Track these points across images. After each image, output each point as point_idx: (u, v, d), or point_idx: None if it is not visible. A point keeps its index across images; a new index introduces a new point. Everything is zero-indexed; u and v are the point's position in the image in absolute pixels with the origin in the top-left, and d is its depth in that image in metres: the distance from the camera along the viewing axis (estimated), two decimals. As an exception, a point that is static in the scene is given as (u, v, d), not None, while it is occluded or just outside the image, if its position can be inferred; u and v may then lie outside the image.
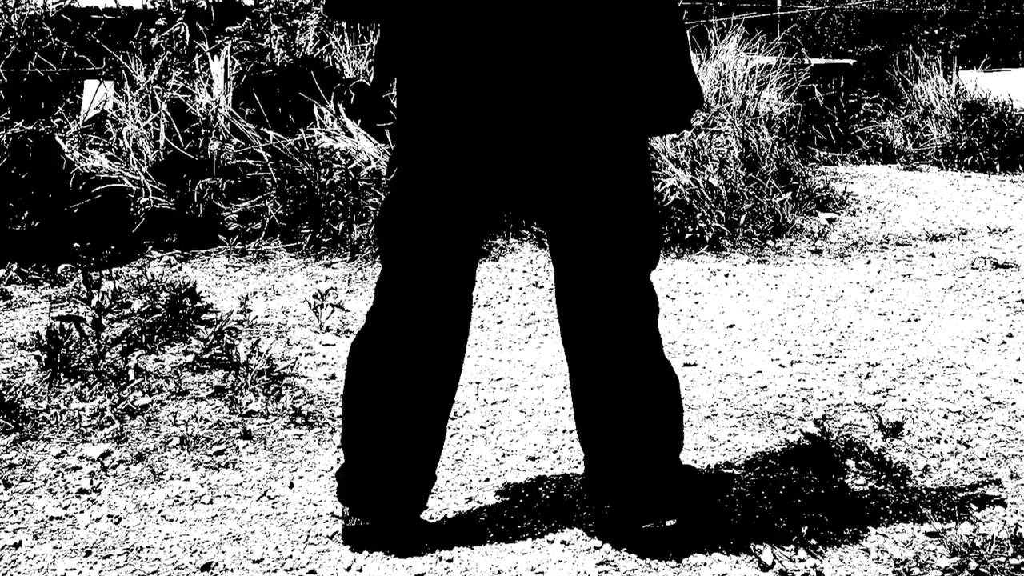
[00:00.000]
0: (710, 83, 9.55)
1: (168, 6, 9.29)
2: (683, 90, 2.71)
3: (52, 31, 8.66)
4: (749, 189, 7.45)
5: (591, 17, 2.54)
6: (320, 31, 9.25)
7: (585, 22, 2.54)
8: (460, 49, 2.57)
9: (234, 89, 7.81)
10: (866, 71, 17.01)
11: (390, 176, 2.82)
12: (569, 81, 2.55)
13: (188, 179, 6.84)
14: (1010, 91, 13.16)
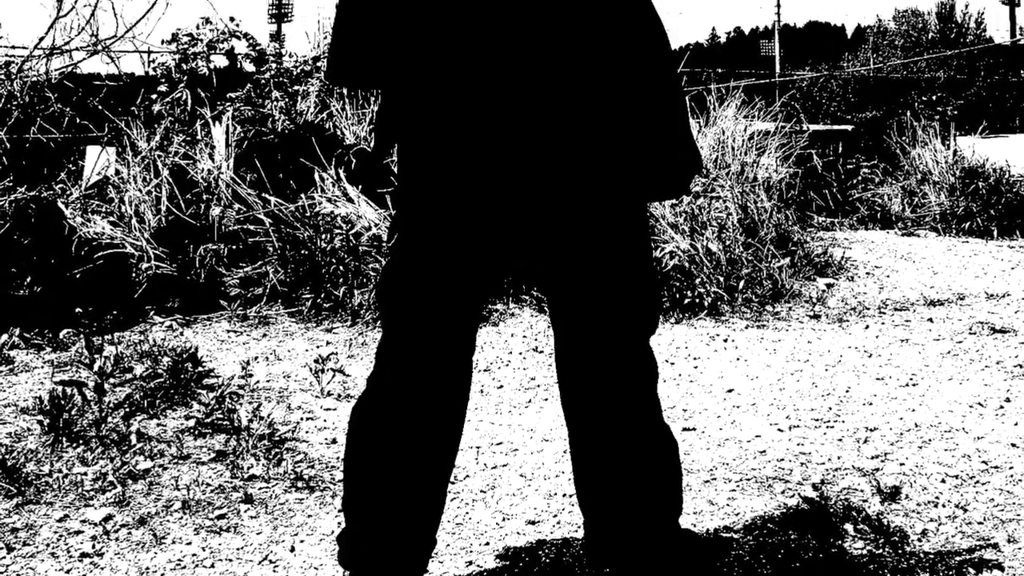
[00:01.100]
0: (709, 149, 9.62)
1: (170, 72, 9.37)
2: (682, 156, 2.72)
3: (54, 97, 8.72)
4: (748, 254, 7.49)
5: (590, 85, 2.56)
6: (321, 97, 9.32)
7: (584, 90, 2.56)
8: (461, 117, 2.59)
9: (235, 155, 7.86)
10: (864, 137, 17.14)
11: (391, 242, 2.81)
12: (569, 149, 2.56)
13: (190, 244, 6.88)
14: (1008, 157, 13.25)
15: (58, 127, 8.56)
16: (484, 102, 2.56)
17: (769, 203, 8.55)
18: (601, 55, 2.60)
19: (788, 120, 12.07)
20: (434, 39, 2.62)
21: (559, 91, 2.55)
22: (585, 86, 2.57)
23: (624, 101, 2.62)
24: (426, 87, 2.64)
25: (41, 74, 8.76)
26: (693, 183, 7.74)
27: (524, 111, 2.55)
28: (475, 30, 2.58)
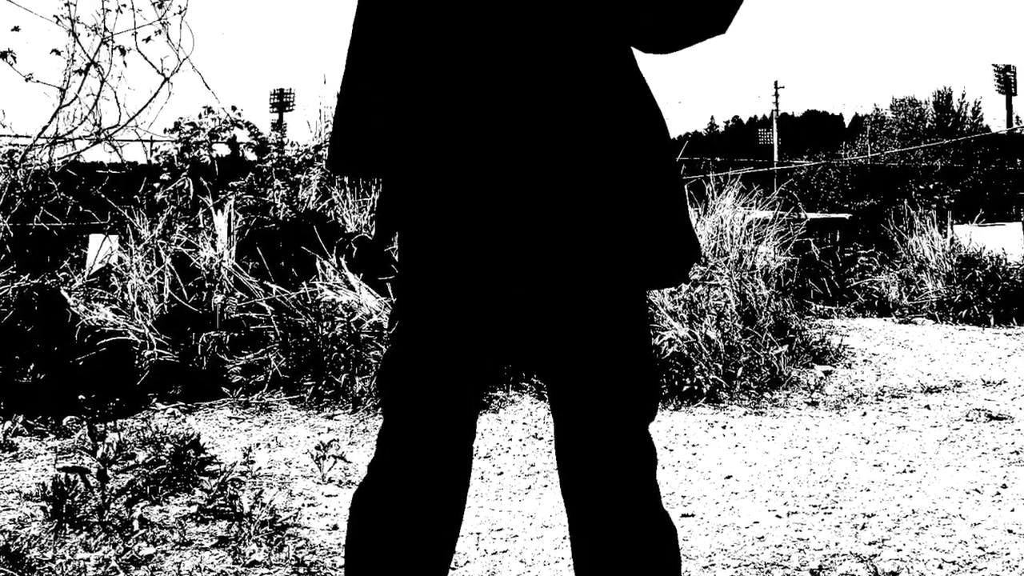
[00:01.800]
0: (708, 237, 9.68)
1: (172, 161, 9.45)
2: (681, 245, 2.74)
3: (58, 186, 8.80)
4: (746, 342, 7.54)
5: (590, 174, 2.59)
6: (323, 186, 9.39)
7: (583, 179, 2.59)
8: (461, 207, 2.61)
9: (237, 243, 7.92)
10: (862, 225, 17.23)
11: (391, 329, 2.84)
12: (568, 238, 2.60)
13: (192, 332, 6.93)
14: (1004, 245, 13.32)
15: (61, 215, 8.64)
16: (485, 193, 2.59)
17: (767, 291, 8.61)
18: (600, 145, 2.63)
19: (786, 208, 12.15)
20: (435, 130, 2.66)
21: (558, 181, 2.58)
22: (584, 175, 2.59)
23: (623, 190, 2.64)
24: (427, 177, 2.67)
25: (44, 163, 8.84)
26: (692, 271, 7.80)
27: (524, 202, 2.57)
28: (476, 122, 2.62)
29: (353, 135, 2.90)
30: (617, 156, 2.64)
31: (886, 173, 43.19)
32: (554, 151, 2.59)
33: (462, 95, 2.66)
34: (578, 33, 2.69)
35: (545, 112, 2.61)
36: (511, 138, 2.59)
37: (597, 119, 2.63)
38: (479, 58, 2.66)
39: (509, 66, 2.64)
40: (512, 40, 2.66)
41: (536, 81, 2.63)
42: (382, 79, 2.84)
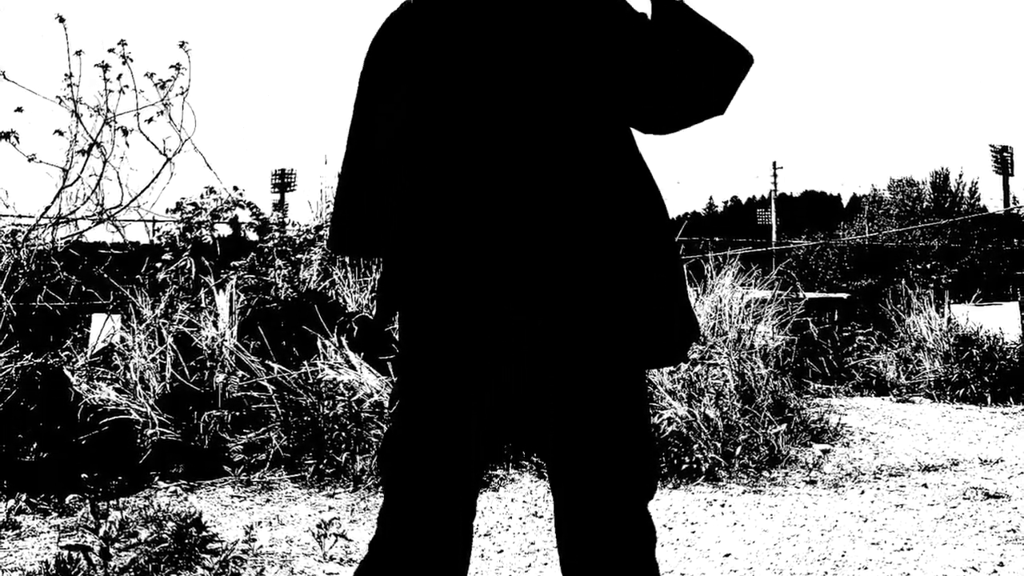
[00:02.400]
0: (707, 316, 9.73)
1: (174, 241, 9.51)
2: (680, 325, 2.79)
3: (60, 265, 8.85)
4: (745, 421, 7.57)
5: (589, 256, 2.65)
6: (323, 265, 9.45)
7: (583, 260, 2.65)
8: (462, 288, 2.66)
9: (239, 322, 7.97)
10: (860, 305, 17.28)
11: (392, 408, 2.87)
12: (567, 319, 2.65)
13: (194, 411, 6.96)
14: (1001, 324, 13.38)
15: (64, 295, 8.68)
16: (486, 276, 2.64)
17: (766, 370, 8.65)
18: (600, 226, 2.68)
19: (784, 288, 12.22)
20: (436, 212, 2.71)
21: (559, 264, 2.63)
22: (584, 257, 2.65)
23: (622, 270, 2.69)
24: (428, 258, 2.72)
25: (47, 243, 8.89)
26: (691, 350, 7.84)
27: (525, 285, 2.63)
28: (477, 205, 2.67)
29: (354, 216, 3.00)
30: (617, 237, 2.70)
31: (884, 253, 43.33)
32: (555, 233, 2.65)
33: (463, 178, 2.71)
34: (578, 115, 2.76)
35: (545, 194, 2.66)
36: (512, 221, 2.65)
37: (597, 201, 2.70)
38: (480, 141, 2.72)
39: (510, 149, 2.70)
40: (512, 122, 2.72)
41: (536, 163, 2.68)
42: (383, 163, 2.91)
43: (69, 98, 8.51)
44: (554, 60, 2.78)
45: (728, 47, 2.83)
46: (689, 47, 2.79)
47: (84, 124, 8.53)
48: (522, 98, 2.74)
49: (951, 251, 40.29)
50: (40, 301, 8.48)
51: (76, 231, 9.11)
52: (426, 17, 2.94)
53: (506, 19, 2.84)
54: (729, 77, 2.83)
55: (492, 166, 2.70)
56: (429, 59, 2.86)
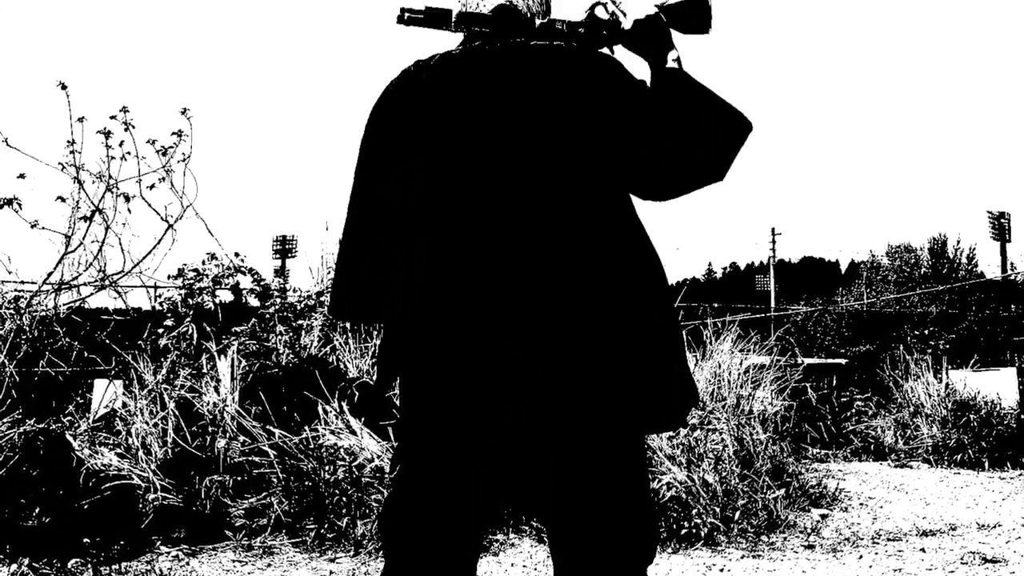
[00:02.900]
0: (706, 382, 9.76)
1: (176, 307, 9.55)
2: (679, 390, 2.83)
3: (63, 331, 8.88)
4: (744, 486, 7.59)
5: (589, 322, 2.69)
6: (324, 331, 9.48)
7: (583, 326, 2.68)
8: (463, 355, 2.70)
9: (240, 388, 8.00)
10: (858, 370, 17.30)
11: (392, 473, 2.90)
12: (567, 384, 2.67)
13: (196, 476, 6.99)
14: (998, 390, 13.43)
15: (66, 360, 8.71)
16: (485, 343, 2.68)
17: (764, 435, 8.68)
18: (600, 292, 2.72)
19: (783, 354, 12.25)
20: (436, 279, 2.75)
21: (559, 332, 2.67)
22: (584, 323, 2.68)
23: (623, 336, 2.72)
24: (428, 325, 2.75)
25: (50, 308, 8.93)
26: (690, 416, 7.87)
27: (524, 351, 2.66)
28: (476, 273, 2.72)
29: (355, 282, 3.05)
30: (616, 303, 2.74)
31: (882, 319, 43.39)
32: (556, 300, 2.69)
33: (464, 246, 2.75)
34: (577, 182, 2.80)
35: (546, 263, 2.71)
36: (513, 290, 2.69)
37: (597, 268, 2.74)
38: (482, 209, 2.77)
39: (511, 216, 2.75)
40: (513, 189, 2.78)
41: (536, 230, 2.73)
42: (383, 230, 2.97)
43: (71, 164, 8.56)
44: (554, 128, 2.83)
45: (727, 114, 2.89)
46: (688, 114, 2.85)
47: (86, 190, 8.60)
48: (523, 166, 2.80)
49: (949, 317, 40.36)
50: (43, 367, 8.52)
51: (78, 297, 9.15)
52: (426, 85, 2.99)
53: (506, 87, 2.90)
54: (728, 144, 2.88)
55: (494, 233, 2.74)
56: (431, 128, 2.91)
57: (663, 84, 2.94)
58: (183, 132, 9.00)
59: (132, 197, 8.85)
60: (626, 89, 2.93)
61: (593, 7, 3.09)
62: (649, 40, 3.03)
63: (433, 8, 3.05)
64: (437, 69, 3.01)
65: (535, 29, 3.03)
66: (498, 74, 2.93)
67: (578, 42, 3.04)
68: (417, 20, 3.04)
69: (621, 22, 3.07)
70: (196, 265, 10.19)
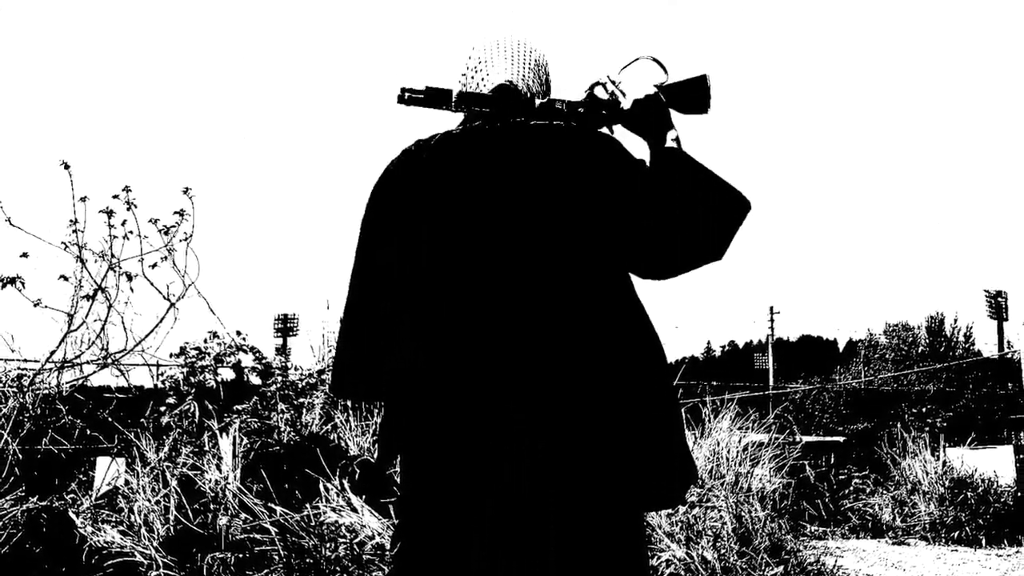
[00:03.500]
0: (704, 460, 9.79)
1: (178, 385, 9.57)
2: (678, 468, 2.83)
3: (65, 409, 8.90)
4: (742, 563, 7.61)
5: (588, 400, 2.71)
6: (326, 409, 9.51)
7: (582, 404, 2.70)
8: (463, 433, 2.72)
9: (242, 465, 8.03)
10: (856, 448, 17.35)
11: (394, 550, 2.91)
12: (566, 460, 2.69)
13: (198, 553, 7.00)
14: (995, 467, 13.47)
15: (69, 438, 8.74)
16: (485, 422, 2.70)
17: (763, 513, 8.70)
18: (600, 371, 2.73)
19: (781, 432, 12.28)
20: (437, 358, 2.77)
21: (558, 410, 2.69)
22: (584, 401, 2.70)
23: (622, 413, 2.73)
24: (428, 403, 2.76)
25: (52, 386, 8.95)
26: (688, 493, 7.90)
27: (524, 431, 2.67)
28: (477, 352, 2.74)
29: (355, 361, 3.04)
30: (616, 381, 2.75)
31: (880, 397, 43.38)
32: (555, 379, 2.70)
33: (465, 325, 2.77)
34: (577, 261, 2.83)
35: (546, 341, 2.72)
36: (512, 366, 2.71)
37: (597, 347, 2.75)
38: (481, 288, 2.79)
39: (509, 295, 2.77)
40: (513, 269, 2.80)
41: (536, 310, 2.75)
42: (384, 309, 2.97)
43: (74, 244, 8.58)
44: (554, 206, 2.86)
45: (726, 193, 2.93)
46: (687, 194, 2.88)
47: (89, 270, 8.64)
48: (523, 244, 2.82)
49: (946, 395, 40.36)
50: (45, 444, 8.55)
51: (81, 375, 9.17)
52: (427, 164, 3.01)
53: (507, 166, 2.93)
54: (727, 223, 2.92)
55: (493, 313, 2.76)
56: (432, 207, 2.93)
57: (662, 163, 2.98)
58: (185, 211, 9.04)
59: (134, 276, 8.88)
60: (625, 168, 2.96)
61: (593, 87, 3.14)
62: (648, 120, 3.08)
63: (434, 88, 3.09)
64: (438, 148, 3.04)
65: (535, 109, 3.06)
66: (499, 154, 2.97)
67: (578, 122, 3.08)
68: (418, 100, 3.09)
69: (621, 102, 3.12)
70: (198, 343, 10.22)
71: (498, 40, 3.24)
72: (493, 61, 3.20)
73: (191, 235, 9.09)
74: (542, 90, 3.22)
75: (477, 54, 3.24)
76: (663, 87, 3.14)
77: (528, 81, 3.18)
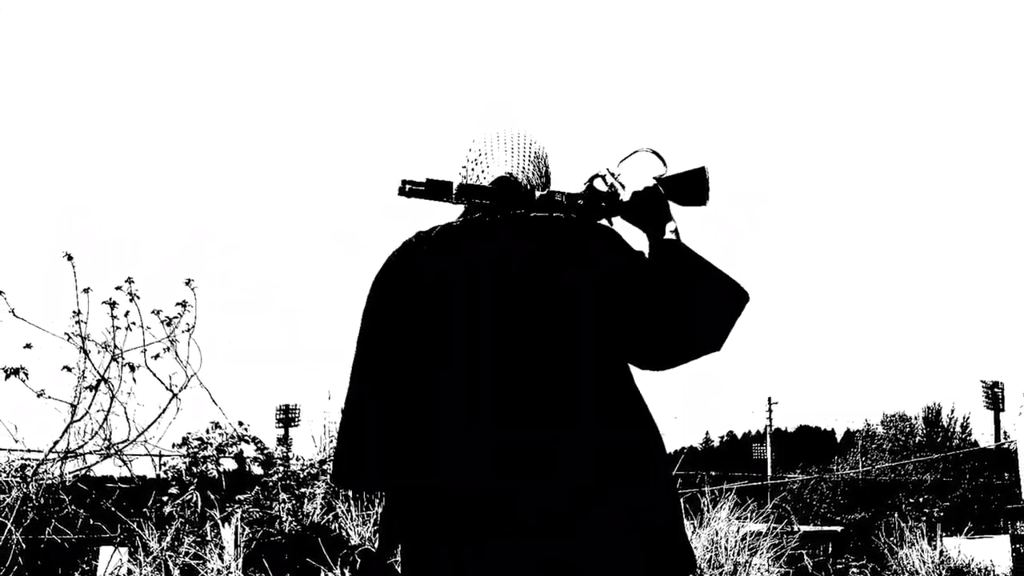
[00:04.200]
0: (703, 549, 9.82)
1: (181, 475, 9.60)
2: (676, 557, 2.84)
3: (69, 499, 8.93)
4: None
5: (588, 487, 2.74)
6: (327, 499, 9.54)
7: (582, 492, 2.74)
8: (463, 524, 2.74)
9: (244, 555, 8.07)
10: (853, 538, 17.37)
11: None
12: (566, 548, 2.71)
13: (201, 639, 7.07)
14: (992, 557, 13.51)
15: (72, 528, 8.77)
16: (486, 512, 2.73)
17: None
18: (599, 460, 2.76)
19: (779, 521, 12.32)
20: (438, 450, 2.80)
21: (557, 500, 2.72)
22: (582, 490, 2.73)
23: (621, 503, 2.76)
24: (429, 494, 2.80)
25: (56, 476, 8.97)
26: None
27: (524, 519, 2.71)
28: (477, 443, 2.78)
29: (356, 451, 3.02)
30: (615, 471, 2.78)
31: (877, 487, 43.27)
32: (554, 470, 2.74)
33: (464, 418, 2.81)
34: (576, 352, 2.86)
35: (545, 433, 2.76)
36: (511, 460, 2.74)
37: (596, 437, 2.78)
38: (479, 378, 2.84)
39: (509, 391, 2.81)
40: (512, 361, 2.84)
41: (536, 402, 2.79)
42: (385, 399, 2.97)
43: (77, 335, 8.59)
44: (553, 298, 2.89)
45: (725, 285, 2.97)
46: (686, 285, 2.91)
47: (92, 360, 8.64)
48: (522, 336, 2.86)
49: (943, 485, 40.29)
50: (49, 534, 8.59)
51: (84, 465, 9.20)
52: (428, 256, 3.04)
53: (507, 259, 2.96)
54: (725, 315, 2.95)
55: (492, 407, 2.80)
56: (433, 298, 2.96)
57: (661, 255, 3.02)
58: (187, 302, 9.06)
59: (137, 367, 8.89)
60: (625, 260, 2.99)
61: (592, 179, 3.16)
62: (647, 212, 3.12)
63: (434, 180, 3.11)
64: (438, 240, 3.07)
65: (535, 201, 3.09)
66: (499, 246, 3.00)
67: (578, 214, 3.11)
68: (418, 192, 3.11)
69: (620, 194, 3.15)
70: (200, 434, 10.24)
71: (498, 132, 3.27)
72: (493, 153, 3.23)
73: (193, 326, 9.11)
74: (542, 182, 3.24)
75: (478, 146, 3.27)
76: (662, 179, 3.17)
77: (528, 173, 3.20)
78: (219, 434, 10.28)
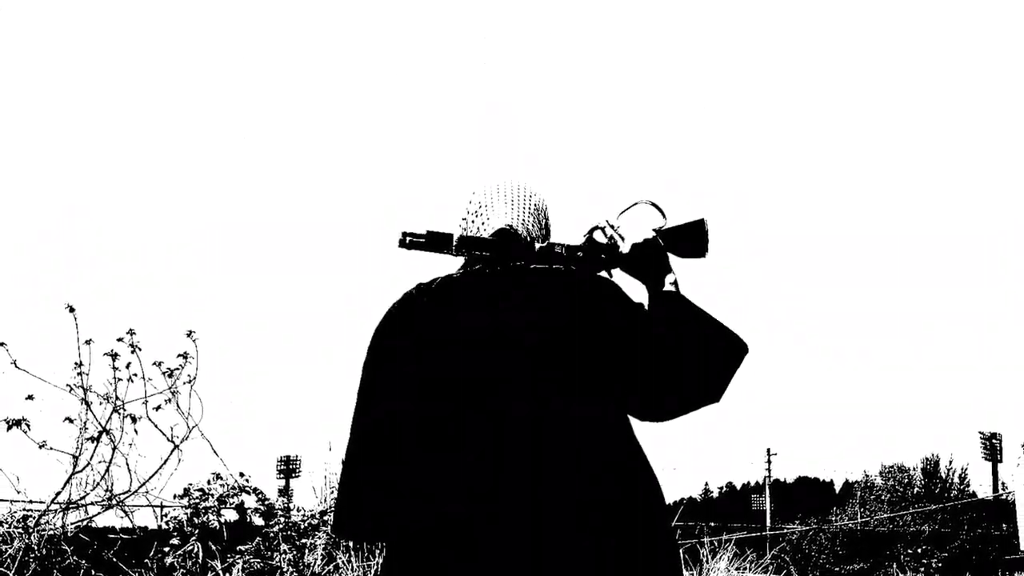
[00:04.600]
0: (701, 599, 9.86)
1: (182, 526, 9.62)
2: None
3: (70, 550, 8.93)
4: None
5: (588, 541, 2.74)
6: (328, 550, 9.56)
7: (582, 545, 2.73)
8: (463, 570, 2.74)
9: (245, 606, 8.11)
10: (852, 590, 17.41)
11: None
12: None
13: None
14: (991, 607, 13.57)
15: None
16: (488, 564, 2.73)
17: (759, 653, 8.77)
18: (598, 512, 2.77)
19: (778, 572, 12.38)
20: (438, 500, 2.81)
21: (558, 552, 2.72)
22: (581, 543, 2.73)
23: (622, 556, 2.76)
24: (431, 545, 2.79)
25: (57, 527, 8.97)
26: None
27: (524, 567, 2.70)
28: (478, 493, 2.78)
29: (357, 502, 3.06)
30: (614, 523, 2.79)
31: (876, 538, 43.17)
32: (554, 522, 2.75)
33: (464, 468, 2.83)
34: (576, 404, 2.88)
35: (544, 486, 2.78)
36: (511, 511, 2.76)
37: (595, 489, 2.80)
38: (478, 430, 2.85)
39: (509, 441, 2.82)
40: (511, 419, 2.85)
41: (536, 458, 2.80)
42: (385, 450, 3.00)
43: (79, 386, 8.56)
44: (553, 351, 2.91)
45: (724, 337, 2.99)
46: (685, 337, 2.93)
47: (93, 412, 8.62)
48: (522, 389, 2.87)
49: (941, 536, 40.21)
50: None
51: (86, 516, 9.21)
52: (428, 308, 3.07)
53: (507, 311, 2.98)
54: (725, 367, 2.98)
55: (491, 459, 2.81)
56: (433, 351, 2.99)
57: (660, 307, 3.06)
58: (188, 354, 9.06)
59: (139, 418, 8.88)
60: (624, 313, 3.00)
61: (592, 231, 3.19)
62: (647, 264, 3.15)
63: (435, 232, 3.13)
64: (438, 292, 3.09)
65: (535, 253, 3.11)
66: (499, 298, 3.01)
67: (577, 265, 3.13)
68: (419, 244, 3.13)
69: (619, 246, 3.18)
70: (202, 485, 10.24)
71: (498, 184, 3.29)
72: (493, 205, 3.25)
73: (194, 377, 9.12)
74: (542, 234, 3.25)
75: (478, 198, 3.29)
76: (661, 231, 3.20)
77: (528, 225, 3.22)
78: (220, 485, 10.29)
